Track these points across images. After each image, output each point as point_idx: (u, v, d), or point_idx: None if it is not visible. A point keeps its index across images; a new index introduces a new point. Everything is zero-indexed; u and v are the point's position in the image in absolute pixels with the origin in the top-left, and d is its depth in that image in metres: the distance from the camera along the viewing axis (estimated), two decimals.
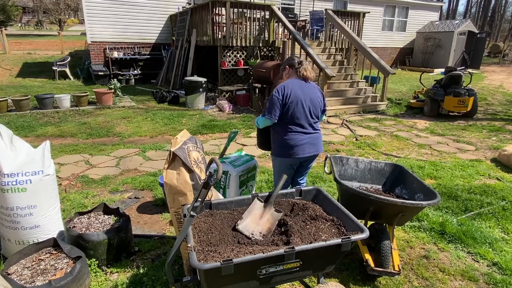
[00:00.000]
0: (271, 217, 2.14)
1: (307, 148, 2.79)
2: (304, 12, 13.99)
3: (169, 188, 2.16)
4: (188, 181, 2.16)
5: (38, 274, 2.18)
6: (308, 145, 2.79)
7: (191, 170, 2.18)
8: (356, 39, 9.42)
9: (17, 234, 2.44)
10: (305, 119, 2.76)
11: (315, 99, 2.81)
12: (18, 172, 2.33)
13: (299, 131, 2.76)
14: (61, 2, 28.98)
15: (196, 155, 2.36)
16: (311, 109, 2.78)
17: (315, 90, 2.87)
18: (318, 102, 2.83)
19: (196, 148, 2.38)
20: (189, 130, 6.43)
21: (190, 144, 2.33)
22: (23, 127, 6.28)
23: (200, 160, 2.40)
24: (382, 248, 2.45)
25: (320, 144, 2.91)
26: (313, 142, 2.82)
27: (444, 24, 17.74)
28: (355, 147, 5.74)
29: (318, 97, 2.85)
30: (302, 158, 2.82)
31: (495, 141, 6.25)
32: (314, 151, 2.84)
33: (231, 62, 9.29)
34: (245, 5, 8.92)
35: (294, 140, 2.75)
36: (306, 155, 2.79)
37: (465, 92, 7.61)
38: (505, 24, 38.47)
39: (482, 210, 3.57)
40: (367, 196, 2.39)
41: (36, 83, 10.86)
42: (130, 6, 11.41)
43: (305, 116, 2.76)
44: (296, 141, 2.75)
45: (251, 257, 1.65)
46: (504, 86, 12.92)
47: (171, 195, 2.19)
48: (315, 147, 2.84)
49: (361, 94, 8.83)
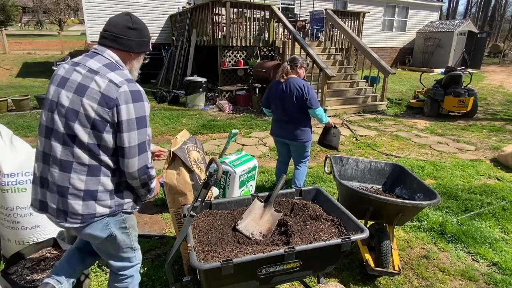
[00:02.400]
0: (271, 217, 2.14)
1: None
2: (304, 12, 13.99)
3: (169, 188, 2.16)
4: (188, 181, 2.16)
5: (38, 274, 2.18)
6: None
7: (191, 170, 2.18)
8: (356, 39, 9.42)
9: (17, 234, 2.44)
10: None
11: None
12: (18, 172, 2.33)
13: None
14: (61, 2, 28.99)
15: (196, 155, 2.36)
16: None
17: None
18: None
19: (196, 148, 2.38)
20: (189, 130, 6.43)
21: (190, 144, 2.33)
22: (23, 127, 6.28)
23: (200, 160, 2.40)
24: (382, 248, 2.45)
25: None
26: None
27: (444, 24, 17.74)
28: (355, 147, 5.74)
29: None
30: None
31: (495, 141, 6.25)
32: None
33: (231, 62, 9.29)
34: (245, 5, 8.92)
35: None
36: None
37: (465, 92, 7.60)
38: (505, 24, 38.48)
39: (482, 210, 3.57)
40: (367, 196, 2.39)
41: (36, 83, 10.86)
42: (130, 6, 11.40)
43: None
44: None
45: (251, 257, 1.65)
46: (504, 86, 12.92)
47: (171, 195, 2.19)
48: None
49: (361, 94, 8.83)
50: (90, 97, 1.42)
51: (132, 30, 1.54)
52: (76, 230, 1.55)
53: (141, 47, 1.60)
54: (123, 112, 1.43)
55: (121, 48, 1.54)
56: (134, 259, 1.80)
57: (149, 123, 1.57)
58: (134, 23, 1.55)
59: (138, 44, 1.57)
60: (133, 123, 1.45)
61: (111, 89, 1.42)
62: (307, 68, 3.48)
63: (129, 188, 1.61)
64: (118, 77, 1.46)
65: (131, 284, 1.83)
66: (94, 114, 1.42)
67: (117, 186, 1.55)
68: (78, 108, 1.43)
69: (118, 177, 1.55)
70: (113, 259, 1.74)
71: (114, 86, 1.43)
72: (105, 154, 1.49)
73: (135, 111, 1.46)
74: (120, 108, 1.42)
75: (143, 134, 1.50)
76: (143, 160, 1.51)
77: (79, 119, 1.43)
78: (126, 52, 1.56)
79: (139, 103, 1.47)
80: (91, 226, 1.53)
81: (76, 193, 1.47)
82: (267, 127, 6.80)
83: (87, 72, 1.46)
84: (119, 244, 1.68)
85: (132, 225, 1.71)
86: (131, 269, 1.80)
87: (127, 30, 1.52)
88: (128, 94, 1.44)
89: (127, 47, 1.54)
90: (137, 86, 1.49)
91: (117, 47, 1.53)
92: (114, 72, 1.47)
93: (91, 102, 1.42)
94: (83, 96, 1.43)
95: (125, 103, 1.43)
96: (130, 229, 1.69)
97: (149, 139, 1.55)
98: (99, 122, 1.43)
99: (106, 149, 1.48)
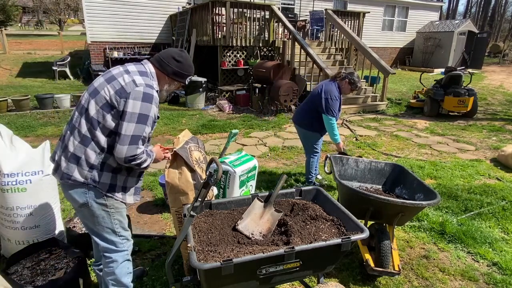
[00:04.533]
0: (271, 217, 2.14)
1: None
2: (304, 12, 13.98)
3: (170, 187, 2.16)
4: (190, 180, 2.16)
5: (38, 274, 2.18)
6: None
7: (193, 169, 2.18)
8: (356, 39, 9.42)
9: (17, 234, 2.44)
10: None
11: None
12: (18, 172, 2.33)
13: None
14: (61, 2, 28.97)
15: (198, 154, 2.36)
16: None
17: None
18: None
19: (197, 148, 2.39)
20: (189, 130, 6.42)
21: (192, 143, 2.33)
22: (23, 127, 6.28)
23: (202, 160, 2.40)
24: (382, 248, 2.45)
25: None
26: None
27: (444, 24, 17.74)
28: (355, 147, 5.74)
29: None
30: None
31: (495, 141, 6.25)
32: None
33: (231, 62, 9.29)
34: (245, 5, 8.92)
35: None
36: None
37: (465, 92, 7.60)
38: (505, 24, 38.48)
39: (482, 210, 3.57)
40: (367, 196, 2.39)
41: (36, 83, 10.85)
42: (130, 6, 11.40)
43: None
44: None
45: (251, 257, 1.65)
46: (504, 86, 12.92)
47: (172, 194, 2.19)
48: None
49: (361, 94, 8.83)
50: (112, 85, 1.73)
51: (174, 61, 1.85)
52: (62, 187, 1.83)
53: (175, 76, 1.88)
54: (130, 104, 1.68)
55: (159, 68, 1.85)
56: (119, 244, 1.94)
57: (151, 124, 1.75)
58: (179, 57, 1.86)
59: (174, 72, 1.87)
60: (135, 116, 1.68)
61: (129, 85, 1.71)
62: (353, 88, 3.61)
63: (110, 172, 1.80)
64: (141, 80, 1.74)
65: (117, 270, 1.94)
66: (108, 98, 1.71)
67: (100, 164, 1.77)
68: (100, 90, 1.74)
69: (103, 157, 1.76)
70: (96, 236, 1.92)
71: (133, 84, 1.72)
72: (100, 132, 1.73)
73: (140, 108, 1.69)
74: (128, 101, 1.68)
75: (140, 129, 1.70)
76: (131, 151, 1.69)
77: (96, 97, 1.74)
78: (161, 72, 1.86)
79: (147, 103, 1.71)
80: (71, 187, 1.78)
81: (67, 153, 1.77)
82: (267, 127, 6.81)
83: (123, 70, 1.79)
84: (98, 219, 1.85)
85: (116, 208, 1.87)
86: (116, 254, 1.94)
87: (171, 59, 1.85)
88: (140, 93, 1.70)
89: (164, 69, 1.85)
90: (152, 91, 1.74)
91: (157, 65, 1.86)
92: (142, 77, 1.77)
93: (110, 89, 1.72)
94: (109, 83, 1.74)
95: (134, 99, 1.69)
96: (111, 209, 1.85)
97: (144, 137, 1.73)
98: (109, 104, 1.71)
99: (104, 128, 1.72)
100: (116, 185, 1.83)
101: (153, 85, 1.79)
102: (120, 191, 1.85)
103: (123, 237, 1.94)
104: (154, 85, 1.80)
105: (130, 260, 2.02)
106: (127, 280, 2.00)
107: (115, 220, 1.88)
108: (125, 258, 1.97)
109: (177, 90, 9.86)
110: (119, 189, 1.84)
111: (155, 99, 1.75)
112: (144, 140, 1.73)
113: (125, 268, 1.97)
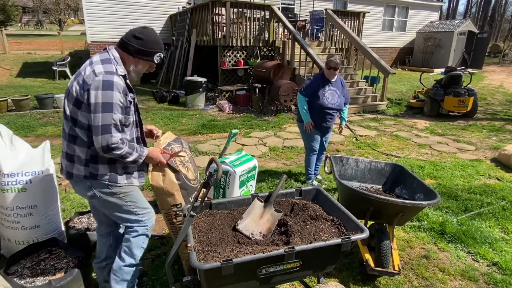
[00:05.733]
0: (271, 217, 2.14)
1: None
2: (304, 12, 13.98)
3: (156, 189, 2.15)
4: (174, 180, 2.15)
5: (38, 274, 2.18)
6: None
7: (176, 170, 2.18)
8: (356, 39, 9.42)
9: (17, 234, 2.44)
10: None
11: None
12: (18, 172, 2.33)
13: None
14: (61, 2, 28.97)
15: (182, 155, 2.35)
16: None
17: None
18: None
19: (181, 148, 2.37)
20: (189, 130, 6.43)
21: (175, 145, 2.32)
22: (23, 127, 6.28)
23: (187, 159, 2.39)
24: (382, 248, 2.45)
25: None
26: None
27: (444, 24, 17.74)
28: (355, 147, 5.74)
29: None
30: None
31: (495, 141, 6.25)
32: None
33: (231, 62, 9.29)
34: (245, 5, 8.92)
35: None
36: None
37: (465, 92, 7.60)
38: (505, 24, 38.48)
39: (482, 210, 3.57)
40: (367, 196, 2.39)
41: (36, 83, 10.85)
42: (130, 6, 11.40)
43: None
44: None
45: (251, 257, 1.65)
46: (504, 86, 12.92)
47: (159, 196, 2.18)
48: None
49: (361, 94, 8.83)
50: (77, 81, 1.75)
51: (135, 39, 1.80)
52: (72, 185, 1.94)
53: (139, 54, 1.83)
54: (92, 96, 1.70)
55: (122, 49, 1.83)
56: (139, 220, 2.04)
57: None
58: (139, 34, 1.81)
59: (136, 51, 1.81)
60: (99, 106, 1.70)
61: (90, 77, 1.72)
62: (329, 66, 3.73)
63: (106, 163, 1.85)
64: (101, 69, 1.73)
65: (133, 239, 2.04)
66: (75, 94, 1.74)
67: (92, 157, 1.83)
68: (70, 88, 1.78)
69: (92, 151, 1.81)
70: (116, 219, 2.05)
71: (92, 75, 1.72)
72: (80, 129, 1.78)
73: (102, 97, 1.70)
74: (90, 92, 1.70)
75: (107, 118, 1.71)
76: (105, 140, 1.72)
77: (68, 96, 1.79)
78: (125, 53, 1.83)
79: (107, 91, 1.70)
80: (77, 183, 1.90)
81: (63, 153, 1.88)
82: (267, 127, 6.81)
83: (88, 63, 1.80)
84: (111, 206, 1.96)
85: (124, 193, 1.94)
86: (136, 225, 2.04)
87: (131, 37, 1.81)
88: (99, 83, 1.70)
89: (126, 50, 1.82)
90: (111, 77, 1.72)
91: (120, 47, 1.84)
92: (103, 65, 1.75)
93: (76, 85, 1.75)
94: (75, 80, 1.77)
95: (95, 89, 1.69)
96: (120, 195, 1.93)
97: (116, 124, 1.74)
98: (78, 100, 1.74)
99: (81, 124, 1.77)
100: (117, 173, 1.89)
101: (116, 70, 1.76)
102: (123, 177, 1.91)
103: (142, 214, 2.04)
104: (119, 70, 1.78)
105: (148, 236, 2.11)
106: (138, 252, 2.07)
107: (127, 203, 1.97)
108: (144, 232, 2.06)
109: (177, 90, 9.83)
110: (122, 176, 1.91)
111: (117, 84, 1.72)
112: (117, 127, 1.75)
113: (140, 241, 2.06)
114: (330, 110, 3.77)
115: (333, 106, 3.76)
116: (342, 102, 3.86)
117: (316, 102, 3.74)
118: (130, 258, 2.05)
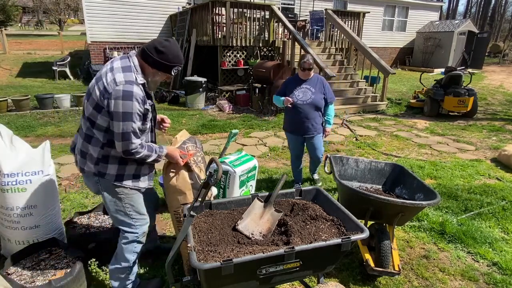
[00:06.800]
0: (271, 217, 2.14)
1: None
2: (304, 12, 13.98)
3: (168, 187, 2.17)
4: (187, 180, 2.17)
5: (38, 274, 2.18)
6: None
7: (190, 169, 2.19)
8: (356, 39, 9.42)
9: (17, 234, 2.44)
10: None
11: None
12: (18, 172, 2.33)
13: None
14: (61, 2, 28.96)
15: (196, 154, 2.36)
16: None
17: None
18: None
19: (195, 147, 2.39)
20: (189, 130, 6.43)
21: (189, 144, 2.34)
22: (23, 127, 6.28)
23: (200, 159, 2.40)
24: (382, 248, 2.45)
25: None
26: None
27: (444, 24, 17.74)
28: (355, 147, 5.74)
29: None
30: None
31: (495, 141, 6.25)
32: None
33: (231, 62, 9.29)
34: (245, 5, 8.92)
35: None
36: None
37: (465, 92, 7.60)
38: (505, 24, 38.49)
39: (482, 210, 3.57)
40: (367, 196, 2.39)
41: (36, 83, 10.85)
42: (130, 6, 11.40)
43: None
44: None
45: (251, 257, 1.65)
46: (504, 86, 12.92)
47: (170, 194, 2.19)
48: None
49: (361, 94, 8.83)
50: (98, 86, 1.82)
51: (156, 52, 1.85)
52: (83, 176, 2.08)
53: (157, 67, 1.88)
54: (112, 105, 1.77)
55: (142, 59, 1.88)
56: (131, 225, 2.10)
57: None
58: (161, 47, 1.85)
59: (154, 63, 1.86)
60: (119, 115, 1.78)
61: (110, 85, 1.78)
62: (302, 67, 3.69)
63: (117, 163, 1.95)
64: (121, 78, 1.79)
65: (124, 245, 2.11)
66: (96, 99, 1.82)
67: (103, 157, 1.93)
68: (91, 91, 1.86)
69: (105, 151, 1.92)
70: (113, 216, 2.10)
71: (113, 84, 1.78)
72: (98, 130, 1.87)
73: (122, 107, 1.77)
74: (111, 101, 1.77)
75: (127, 126, 1.80)
76: (126, 145, 1.83)
77: (89, 98, 1.87)
78: (145, 63, 1.88)
79: (127, 101, 1.78)
80: (87, 178, 2.03)
81: (78, 148, 2.00)
82: (267, 127, 6.81)
83: (108, 68, 1.86)
84: (111, 204, 2.04)
85: (126, 194, 2.02)
86: (128, 232, 2.10)
87: (153, 49, 1.85)
88: (119, 92, 1.77)
89: (146, 60, 1.87)
90: (131, 88, 1.78)
91: (140, 56, 1.88)
92: (124, 73, 1.81)
93: (97, 90, 1.82)
94: (96, 84, 1.84)
95: (115, 98, 1.77)
96: (122, 195, 2.01)
97: (135, 132, 1.83)
98: (98, 105, 1.82)
99: (100, 126, 1.86)
100: (124, 175, 1.98)
101: (136, 79, 1.82)
102: (130, 179, 2.00)
103: (135, 219, 2.10)
104: (139, 78, 1.84)
105: (141, 242, 2.16)
106: (130, 257, 2.12)
107: (126, 204, 2.04)
108: (135, 239, 2.11)
109: (177, 90, 9.84)
110: (129, 178, 1.99)
111: (136, 94, 1.79)
112: (136, 134, 1.84)
113: (131, 247, 2.12)
114: (301, 106, 3.63)
115: (304, 102, 3.63)
116: (318, 99, 3.64)
117: None
118: (124, 262, 2.13)
